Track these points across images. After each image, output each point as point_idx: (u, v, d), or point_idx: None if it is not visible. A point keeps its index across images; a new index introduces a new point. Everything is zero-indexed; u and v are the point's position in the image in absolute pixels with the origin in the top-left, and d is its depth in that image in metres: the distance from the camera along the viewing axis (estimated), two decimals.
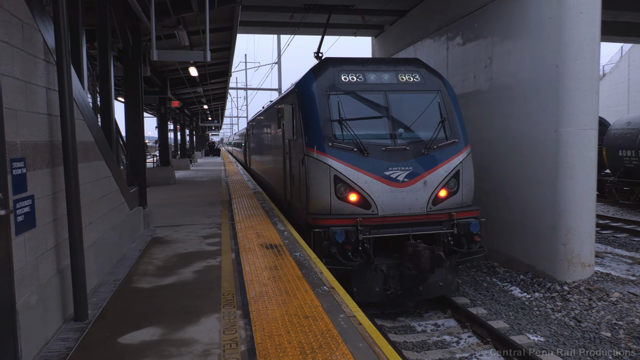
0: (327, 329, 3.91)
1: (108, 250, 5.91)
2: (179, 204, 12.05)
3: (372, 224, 6.99)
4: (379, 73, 7.93)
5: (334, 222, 6.95)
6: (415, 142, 7.46)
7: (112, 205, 6.32)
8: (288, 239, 7.52)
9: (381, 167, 7.13)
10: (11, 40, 3.47)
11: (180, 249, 7.02)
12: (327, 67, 7.87)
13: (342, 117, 7.35)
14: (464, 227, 7.22)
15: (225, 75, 20.05)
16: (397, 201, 7.14)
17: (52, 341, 3.80)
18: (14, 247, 3.31)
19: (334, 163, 7.10)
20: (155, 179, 17.66)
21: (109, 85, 7.06)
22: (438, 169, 7.29)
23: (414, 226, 7.12)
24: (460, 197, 7.47)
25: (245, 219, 9.49)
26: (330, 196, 7.13)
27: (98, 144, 5.65)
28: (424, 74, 8.11)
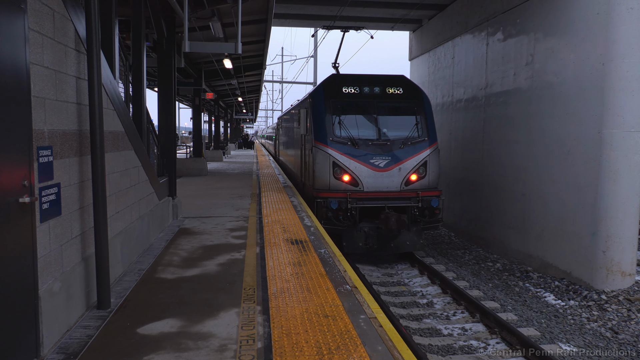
0: (346, 330, 3.84)
1: (135, 239, 6.01)
2: (208, 196, 12.20)
3: (359, 197, 9.83)
4: (371, 86, 10.60)
5: (331, 194, 9.82)
6: (395, 139, 10.19)
7: (140, 195, 6.42)
8: (314, 235, 7.48)
9: (368, 157, 9.94)
10: (42, 29, 3.53)
11: (206, 241, 7.09)
12: (333, 81, 10.73)
13: (340, 120, 10.23)
14: (427, 203, 9.97)
15: (260, 68, 20.14)
16: (378, 182, 9.93)
17: (74, 328, 3.87)
18: (38, 234, 3.38)
19: (333, 153, 9.95)
20: (187, 170, 17.94)
21: (142, 75, 7.16)
22: (410, 159, 10.09)
23: (389, 200, 9.89)
24: (427, 181, 10.16)
25: (272, 213, 9.51)
26: (329, 176, 9.99)
27: (128, 134, 5.73)
28: (405, 87, 10.70)
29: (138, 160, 6.24)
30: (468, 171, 13.73)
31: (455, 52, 14.73)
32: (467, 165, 13.77)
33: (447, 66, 15.37)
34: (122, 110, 5.55)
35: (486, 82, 12.75)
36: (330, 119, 10.34)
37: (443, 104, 15.65)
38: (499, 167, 12.03)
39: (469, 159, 13.67)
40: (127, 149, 5.71)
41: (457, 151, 14.47)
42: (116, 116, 5.29)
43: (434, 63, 16.50)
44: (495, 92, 12.27)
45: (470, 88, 13.70)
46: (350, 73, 13.13)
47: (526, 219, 10.87)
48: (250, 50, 16.54)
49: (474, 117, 13.44)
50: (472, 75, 13.56)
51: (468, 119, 13.79)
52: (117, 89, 5.50)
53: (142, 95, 7.30)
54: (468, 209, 13.72)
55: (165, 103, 9.02)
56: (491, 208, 12.44)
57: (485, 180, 12.77)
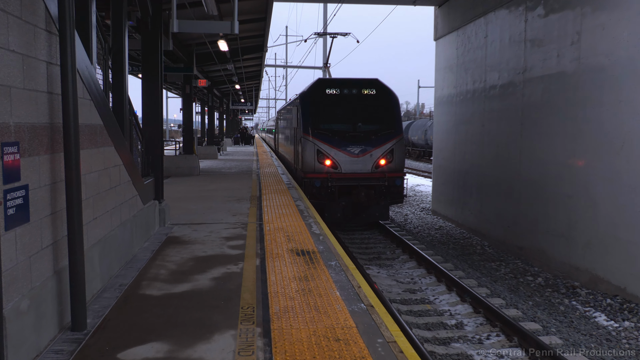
0: (361, 356, 3.82)
1: (115, 249, 6.03)
2: (201, 199, 12.23)
3: (338, 178, 14.03)
4: (349, 88, 14.84)
5: (315, 175, 13.99)
6: (367, 131, 14.42)
7: (122, 199, 6.44)
8: (323, 245, 7.46)
9: (345, 145, 14.15)
10: (6, 6, 3.54)
11: (198, 252, 7.10)
12: (318, 84, 15.15)
13: (323, 115, 14.49)
14: (392, 181, 14.24)
15: (260, 51, 20.18)
16: (354, 165, 14.14)
17: (44, 353, 3.88)
18: (2, 244, 3.39)
19: (317, 142, 14.19)
20: (176, 169, 18.02)
21: (123, 59, 7.19)
22: (380, 147, 14.28)
23: (362, 180, 14.11)
24: (394, 165, 14.42)
25: (275, 219, 9.50)
26: (314, 161, 14.16)
27: (107, 128, 5.75)
28: (378, 89, 15.01)
29: (119, 158, 6.26)
30: (503, 170, 13.64)
31: (489, 30, 14.64)
32: (502, 162, 13.68)
33: (479, 47, 15.28)
34: (101, 101, 5.56)
35: (524, 65, 12.65)
36: (316, 115, 14.68)
37: (474, 91, 15.57)
38: (540, 164, 11.93)
39: (505, 155, 13.58)
40: (106, 145, 5.73)
41: (490, 146, 14.38)
42: (93, 107, 5.30)
43: (464, 43, 16.41)
44: (535, 77, 12.17)
45: (505, 72, 13.61)
46: (333, 77, 16.99)
47: (572, 225, 10.76)
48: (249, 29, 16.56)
49: (510, 106, 13.35)
50: (508, 57, 13.46)
51: (503, 108, 13.70)
52: (94, 76, 5.52)
53: (123, 83, 7.32)
54: (503, 214, 13.63)
55: (151, 92, 9.04)
56: (531, 213, 12.34)
57: (523, 180, 12.68)
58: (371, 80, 15.34)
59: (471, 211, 15.64)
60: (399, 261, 12.21)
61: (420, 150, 45.17)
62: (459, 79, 16.74)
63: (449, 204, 17.40)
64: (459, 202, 16.52)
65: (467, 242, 14.52)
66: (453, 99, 17.31)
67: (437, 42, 18.94)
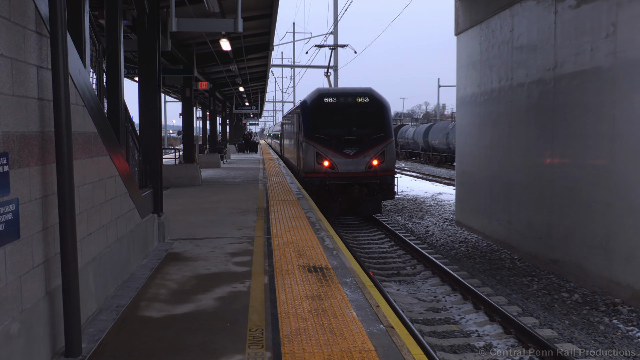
0: None
1: (112, 268, 6.07)
2: (203, 212, 12.28)
3: (335, 177, 16.94)
4: (345, 97, 17.97)
5: (314, 175, 16.90)
6: (361, 134, 17.52)
7: (118, 212, 6.48)
8: (337, 260, 7.45)
9: (341, 147, 17.17)
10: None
11: (201, 269, 7.12)
12: (317, 94, 18.36)
13: (322, 121, 17.56)
14: (383, 180, 17.20)
15: (266, 50, 20.30)
16: (349, 165, 17.09)
17: None
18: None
19: (316, 145, 17.22)
20: (176, 180, 18.12)
21: (118, 62, 7.26)
22: (372, 149, 17.31)
23: (356, 179, 17.03)
24: (385, 165, 17.43)
25: (284, 233, 9.51)
26: (314, 162, 17.13)
27: (102, 136, 5.81)
28: (370, 97, 18.11)
29: (115, 168, 6.31)
30: (534, 175, 13.56)
31: (515, 24, 14.62)
32: (532, 167, 13.61)
33: (504, 41, 15.25)
34: (95, 107, 5.62)
35: (555, 61, 12.61)
36: (315, 121, 17.97)
37: (500, 90, 15.53)
38: (574, 169, 11.85)
39: (535, 159, 13.51)
40: (101, 155, 5.78)
41: (519, 150, 14.31)
42: (87, 114, 5.36)
43: (487, 38, 16.40)
44: (567, 73, 12.12)
45: (534, 69, 13.58)
46: (330, 88, 20.55)
47: (612, 235, 10.65)
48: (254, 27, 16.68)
49: (539, 106, 13.30)
50: (537, 53, 13.43)
51: (532, 108, 13.65)
52: (88, 80, 5.58)
53: (119, 87, 7.39)
54: (535, 225, 13.54)
55: (148, 96, 9.12)
56: (565, 222, 12.25)
57: (556, 186, 12.60)
58: (364, 89, 18.76)
59: (499, 222, 15.55)
60: (420, 277, 12.16)
61: (442, 156, 45.04)
62: (483, 77, 16.71)
63: (475, 214, 17.32)
64: (486, 212, 16.44)
65: (495, 256, 14.43)
66: (477, 98, 17.27)
67: (459, 37, 18.93)
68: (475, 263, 13.70)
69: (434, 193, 26.96)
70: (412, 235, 16.73)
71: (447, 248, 15.43)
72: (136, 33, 9.80)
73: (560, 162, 12.44)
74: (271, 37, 18.19)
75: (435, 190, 28.22)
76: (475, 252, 14.89)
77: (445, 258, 13.90)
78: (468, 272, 12.53)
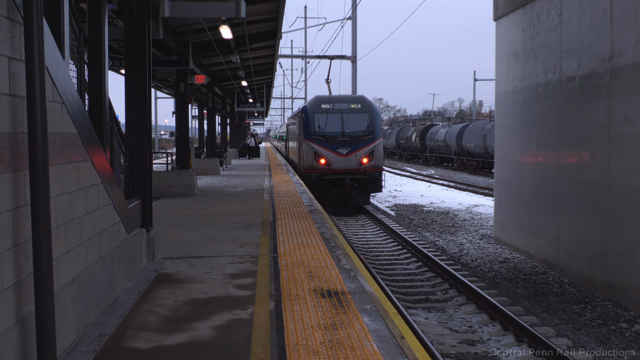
0: None
1: (93, 291, 6.09)
2: (200, 226, 12.31)
3: (330, 172, 23.79)
4: (340, 103, 24.88)
5: (312, 171, 23.93)
6: (353, 136, 24.29)
7: (101, 226, 6.52)
8: (355, 283, 7.44)
9: (336, 147, 24.02)
10: None
11: (197, 293, 7.13)
12: (316, 100, 25.49)
13: (319, 124, 24.54)
14: (372, 175, 23.98)
15: (273, 38, 20.40)
16: (342, 163, 23.92)
17: None
18: None
19: (314, 145, 24.11)
20: (168, 189, 18.20)
21: (102, 52, 7.33)
22: (362, 149, 24.05)
23: (349, 174, 23.77)
24: (374, 163, 24.08)
25: (293, 251, 9.51)
26: (312, 160, 24.03)
27: (83, 137, 5.85)
28: (362, 103, 24.98)
29: (97, 175, 6.35)
30: (587, 184, 13.47)
31: (564, 7, 14.57)
32: (585, 174, 13.52)
33: (552, 28, 15.20)
34: (75, 104, 5.67)
35: (611, 50, 12.54)
36: (313, 124, 24.30)
37: (546, 85, 15.46)
38: (636, 177, 11.75)
39: (588, 165, 13.42)
40: (81, 160, 5.82)
41: (569, 154, 14.23)
42: (66, 112, 5.40)
43: (532, 23, 16.35)
44: (626, 65, 12.04)
45: (587, 59, 13.51)
46: (327, 95, 27.41)
47: None
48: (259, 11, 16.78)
49: (593, 103, 13.22)
50: (590, 41, 13.37)
51: (585, 105, 13.57)
52: (67, 74, 5.63)
53: (102, 81, 7.45)
54: (588, 242, 13.43)
55: (136, 91, 9.18)
56: (624, 239, 12.14)
57: (613, 196, 12.50)
58: (357, 97, 26.02)
59: (545, 238, 15.44)
60: (452, 304, 12.10)
61: (478, 161, 44.88)
62: (526, 69, 16.65)
63: (517, 230, 17.22)
64: (530, 227, 16.34)
65: (541, 279, 14.32)
66: (519, 94, 17.21)
67: (498, 23, 18.90)
68: (517, 287, 13.61)
69: (469, 205, 26.85)
70: (443, 255, 16.66)
71: (485, 270, 15.35)
72: (123, 19, 9.89)
73: (619, 167, 12.34)
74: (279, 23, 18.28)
75: (471, 201, 28.11)
76: (517, 275, 14.80)
77: (482, 281, 13.83)
78: (509, 298, 12.45)
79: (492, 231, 19.95)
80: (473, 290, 12.16)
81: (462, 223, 22.11)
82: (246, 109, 47.76)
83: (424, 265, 15.23)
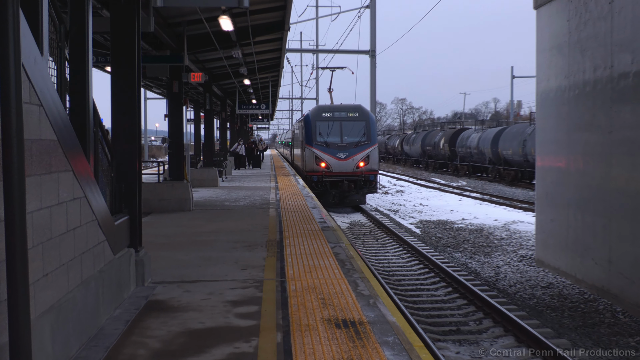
0: None
1: (75, 320, 6.10)
2: (196, 245, 12.32)
3: (329, 175, 31.54)
4: (339, 112, 33.51)
5: (313, 174, 31.82)
6: (351, 142, 32.43)
7: (83, 246, 6.53)
8: (374, 311, 7.42)
9: (335, 152, 31.95)
10: None
11: (193, 323, 7.13)
12: (317, 109, 35.09)
13: (320, 131, 32.90)
14: (367, 177, 31.78)
15: (280, 29, 20.48)
16: (341, 166, 31.64)
17: None
18: None
19: (315, 150, 32.10)
20: (160, 203, 18.24)
21: (85, 47, 7.37)
22: (359, 154, 31.92)
23: (346, 177, 31.44)
24: (369, 166, 31.93)
25: (304, 274, 9.50)
26: (313, 164, 32.05)
27: (63, 145, 5.87)
28: (359, 112, 33.50)
29: (80, 187, 6.38)
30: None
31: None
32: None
33: (601, 17, 15.18)
34: (55, 106, 5.70)
35: None
36: (315, 131, 31.86)
37: (595, 83, 15.41)
38: None
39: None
40: (62, 170, 5.85)
41: (623, 162, 14.15)
42: (44, 116, 5.43)
43: (578, 12, 16.33)
44: None
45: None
46: (328, 104, 35.09)
47: None
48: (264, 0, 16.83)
49: None
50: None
51: (637, 103, 13.51)
52: (46, 72, 5.67)
53: (86, 81, 7.49)
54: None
55: (124, 91, 9.22)
56: None
57: None
58: (355, 106, 33.32)
59: (596, 260, 15.35)
60: (487, 336, 12.05)
61: (517, 171, 44.75)
62: (572, 65, 16.61)
63: (562, 250, 17.13)
64: (577, 247, 16.25)
65: (591, 307, 14.24)
66: (564, 93, 17.17)
67: (539, 12, 18.89)
68: (563, 317, 13.54)
69: (506, 221, 26.76)
70: (476, 279, 16.61)
71: (525, 296, 15.28)
72: (109, 9, 9.96)
73: None
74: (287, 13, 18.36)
75: (508, 217, 28.01)
76: (563, 302, 14.72)
77: (522, 310, 13.76)
78: (553, 330, 12.39)
79: (533, 252, 19.87)
80: (511, 320, 12.10)
81: (499, 242, 22.02)
82: (249, 111, 47.88)
83: (454, 291, 15.18)
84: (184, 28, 18.36)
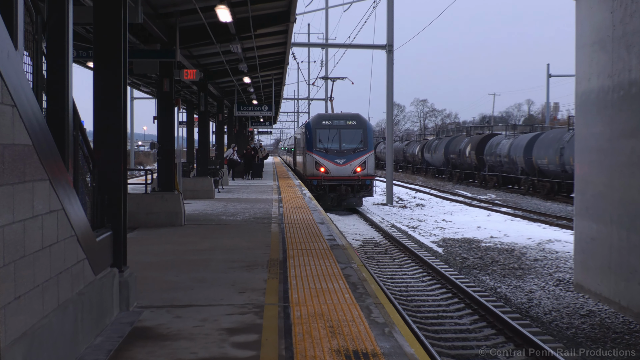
0: None
1: (50, 349, 6.09)
2: (188, 265, 12.32)
3: (328, 179, 40.78)
4: (338, 120, 43.64)
5: (313, 178, 40.96)
6: (349, 149, 42.21)
7: (60, 265, 6.53)
8: (390, 342, 7.40)
9: (334, 158, 41.40)
10: None
11: (184, 353, 7.13)
12: (317, 117, 45.21)
13: (320, 138, 42.58)
14: (364, 182, 41.21)
15: (285, 21, 20.51)
16: (339, 171, 40.90)
17: None
18: None
19: (315, 156, 41.39)
20: (148, 217, 18.25)
21: (65, 40, 7.40)
22: (357, 160, 41.46)
23: (344, 181, 40.77)
24: (366, 171, 41.27)
25: (310, 298, 9.49)
26: (313, 168, 41.36)
27: (39, 151, 5.89)
28: (357, 120, 43.34)
29: (57, 199, 6.39)
30: None
31: None
32: None
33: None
34: (30, 107, 5.72)
35: None
36: (315, 138, 41.14)
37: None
38: None
39: None
40: (37, 179, 5.86)
41: None
42: (18, 118, 5.45)
43: (623, 3, 16.34)
44: None
45: None
46: (328, 113, 48.18)
47: None
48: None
49: None
50: None
51: None
52: (20, 68, 5.69)
53: (65, 78, 7.52)
54: None
55: (108, 90, 9.25)
56: None
57: None
58: (353, 115, 41.27)
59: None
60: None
61: (553, 183, 44.68)
62: (616, 63, 16.59)
63: (604, 274, 17.08)
64: (622, 270, 16.21)
65: (637, 339, 14.19)
66: (607, 95, 17.15)
67: (578, 2, 18.90)
68: (605, 349, 13.49)
69: (541, 240, 26.69)
70: (506, 306, 16.57)
71: (562, 326, 15.24)
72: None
73: None
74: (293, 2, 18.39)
75: (543, 235, 27.94)
76: (605, 333, 14.67)
77: (559, 341, 13.72)
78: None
79: (571, 275, 19.81)
80: (547, 353, 12.07)
81: (532, 264, 21.97)
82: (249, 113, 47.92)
83: (481, 319, 15.15)
84: (177, 19, 18.39)
